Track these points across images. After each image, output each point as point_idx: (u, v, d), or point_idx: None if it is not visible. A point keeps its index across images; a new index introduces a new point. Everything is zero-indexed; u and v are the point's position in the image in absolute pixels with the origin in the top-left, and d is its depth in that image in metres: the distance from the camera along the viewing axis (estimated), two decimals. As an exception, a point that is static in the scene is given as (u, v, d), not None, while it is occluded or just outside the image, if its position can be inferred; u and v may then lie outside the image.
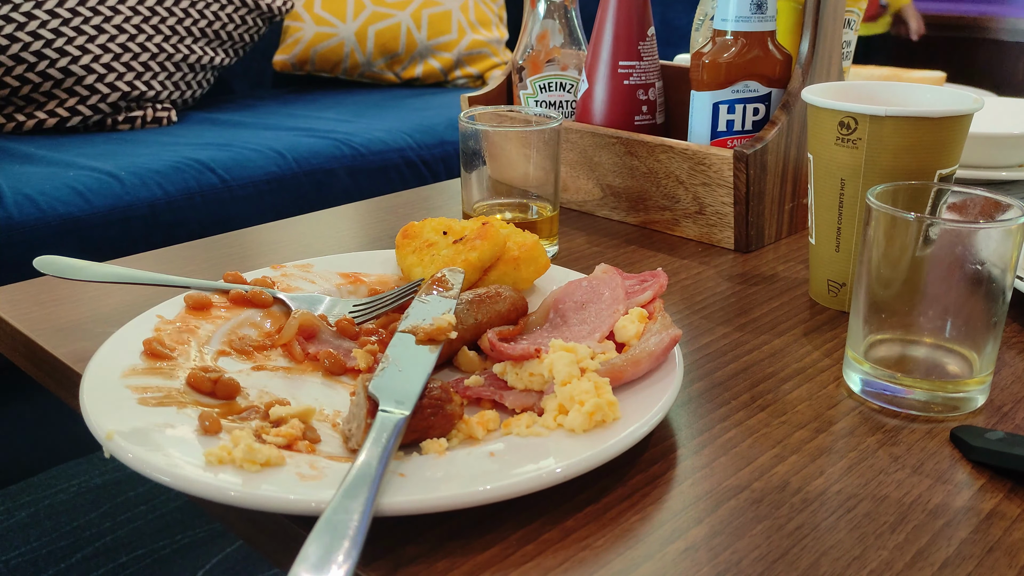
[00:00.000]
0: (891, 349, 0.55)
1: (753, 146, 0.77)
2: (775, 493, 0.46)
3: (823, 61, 0.82)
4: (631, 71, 0.88)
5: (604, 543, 0.42)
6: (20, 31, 1.57)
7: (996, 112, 1.06)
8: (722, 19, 0.80)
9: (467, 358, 0.56)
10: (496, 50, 2.22)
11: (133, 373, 0.52)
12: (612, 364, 0.51)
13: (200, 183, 1.39)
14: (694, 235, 0.84)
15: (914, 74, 1.36)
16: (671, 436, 0.51)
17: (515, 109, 0.81)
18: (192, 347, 0.56)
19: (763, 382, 0.58)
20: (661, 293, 0.60)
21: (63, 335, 0.63)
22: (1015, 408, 0.55)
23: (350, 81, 2.18)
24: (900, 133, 0.61)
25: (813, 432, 0.52)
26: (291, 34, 2.09)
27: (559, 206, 0.83)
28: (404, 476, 0.43)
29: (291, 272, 0.68)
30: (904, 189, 0.56)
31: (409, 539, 0.42)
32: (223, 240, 0.84)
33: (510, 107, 0.82)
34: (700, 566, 0.41)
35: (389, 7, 2.10)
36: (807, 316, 0.68)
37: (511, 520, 0.43)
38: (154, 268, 0.77)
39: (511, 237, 0.65)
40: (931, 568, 0.41)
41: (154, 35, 1.73)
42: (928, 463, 0.49)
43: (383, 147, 1.61)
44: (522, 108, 0.84)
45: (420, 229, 0.68)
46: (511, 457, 0.45)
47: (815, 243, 0.68)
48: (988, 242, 0.50)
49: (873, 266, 0.53)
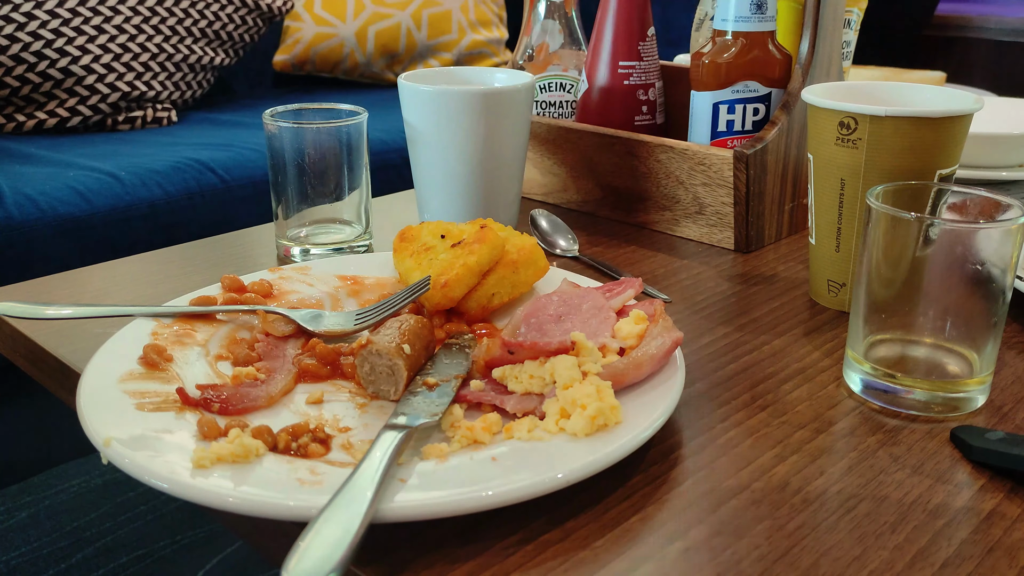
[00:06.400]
0: (891, 349, 0.55)
1: (753, 146, 0.77)
2: (775, 493, 0.46)
3: (823, 61, 0.82)
4: (631, 71, 0.88)
5: (604, 543, 0.42)
6: (20, 31, 1.57)
7: (996, 112, 1.06)
8: (722, 19, 0.80)
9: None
10: (496, 50, 2.22)
11: (131, 378, 0.51)
12: (614, 367, 0.51)
13: (200, 183, 1.39)
14: (694, 235, 0.84)
15: (914, 74, 1.36)
16: (671, 436, 0.51)
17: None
18: (191, 352, 0.56)
19: (763, 382, 0.58)
20: (639, 292, 0.60)
21: (63, 335, 0.63)
22: (1015, 408, 0.55)
23: (350, 81, 2.18)
24: (900, 133, 0.61)
25: (813, 432, 0.52)
26: (291, 34, 2.08)
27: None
28: (405, 481, 0.43)
29: (289, 275, 0.68)
30: (904, 189, 0.56)
31: (409, 539, 0.42)
32: (223, 240, 0.84)
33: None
34: (700, 566, 0.41)
35: (389, 7, 2.10)
36: (807, 316, 0.68)
37: (511, 520, 0.43)
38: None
39: (509, 240, 0.65)
40: (931, 568, 0.41)
41: (154, 35, 1.73)
42: (928, 463, 0.49)
43: (383, 147, 1.61)
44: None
45: (418, 232, 0.68)
46: (513, 462, 0.44)
47: (815, 243, 0.68)
48: (988, 242, 0.50)
49: (873, 266, 0.53)
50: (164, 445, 0.45)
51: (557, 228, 0.83)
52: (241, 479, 0.42)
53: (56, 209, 1.25)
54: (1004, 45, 2.51)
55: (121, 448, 0.44)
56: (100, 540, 1.34)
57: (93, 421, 0.46)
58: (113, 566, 1.28)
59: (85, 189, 1.29)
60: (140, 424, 0.47)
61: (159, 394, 0.50)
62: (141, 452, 0.44)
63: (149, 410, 0.48)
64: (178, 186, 1.37)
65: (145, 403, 0.49)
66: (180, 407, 0.49)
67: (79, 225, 1.25)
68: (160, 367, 0.53)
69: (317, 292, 0.66)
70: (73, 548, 1.32)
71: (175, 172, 1.39)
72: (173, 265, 0.77)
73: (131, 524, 1.38)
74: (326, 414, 0.51)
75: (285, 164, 0.76)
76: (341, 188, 0.78)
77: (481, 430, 0.47)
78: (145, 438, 0.45)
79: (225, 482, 0.42)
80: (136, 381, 0.51)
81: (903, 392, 0.54)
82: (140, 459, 0.43)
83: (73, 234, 1.25)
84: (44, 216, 1.23)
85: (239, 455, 0.44)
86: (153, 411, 0.48)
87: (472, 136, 0.77)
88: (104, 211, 1.28)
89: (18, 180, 1.30)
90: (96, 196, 1.29)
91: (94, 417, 0.47)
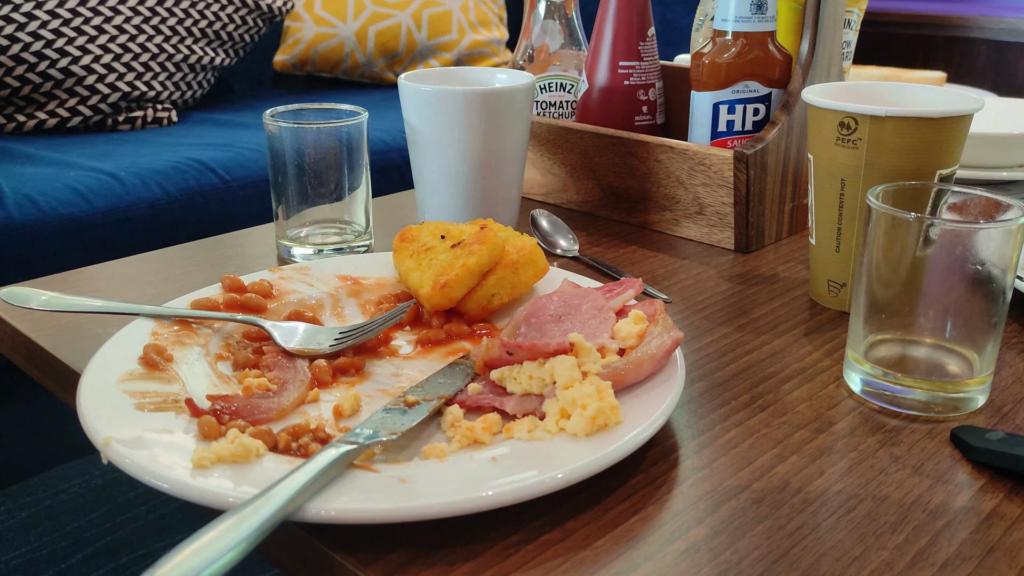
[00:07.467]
0: (891, 349, 0.55)
1: (753, 146, 0.77)
2: (775, 493, 0.46)
3: (823, 61, 0.82)
4: (631, 71, 0.88)
5: (604, 543, 0.42)
6: (20, 31, 1.57)
7: (996, 112, 1.06)
8: (722, 19, 0.80)
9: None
10: (496, 50, 2.22)
11: (131, 378, 0.51)
12: (614, 368, 0.51)
13: (200, 183, 1.39)
14: (694, 235, 0.84)
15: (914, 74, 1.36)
16: (671, 436, 0.51)
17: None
18: (191, 352, 0.56)
19: (763, 382, 0.58)
20: (640, 292, 0.60)
21: (63, 335, 0.63)
22: (1015, 408, 0.55)
23: (350, 81, 2.18)
24: (900, 133, 0.61)
25: (813, 432, 0.52)
26: (291, 34, 2.08)
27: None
28: (406, 482, 0.43)
29: (289, 275, 0.68)
30: (904, 189, 0.56)
31: (409, 539, 0.42)
32: (223, 240, 0.84)
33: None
34: (700, 566, 0.41)
35: (389, 7, 2.10)
36: (807, 316, 0.68)
37: (512, 521, 0.43)
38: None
39: (509, 240, 0.65)
40: (931, 568, 0.41)
41: (154, 35, 1.73)
42: (928, 463, 0.49)
43: (383, 147, 1.62)
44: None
45: (418, 233, 0.68)
46: (513, 463, 0.44)
47: (815, 243, 0.68)
48: (988, 242, 0.50)
49: (873, 266, 0.53)
50: (164, 445, 0.45)
51: (557, 228, 0.83)
52: (241, 479, 0.42)
53: (56, 209, 1.25)
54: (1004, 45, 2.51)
55: (121, 448, 0.44)
56: (100, 540, 1.34)
57: (93, 421, 0.46)
58: (113, 566, 1.28)
59: (85, 189, 1.29)
60: (140, 424, 0.47)
61: (159, 394, 0.50)
62: (141, 452, 0.44)
63: (149, 410, 0.48)
64: (178, 186, 1.37)
65: (145, 403, 0.49)
66: (180, 407, 0.49)
67: (79, 225, 1.25)
68: (160, 367, 0.53)
69: (317, 292, 0.66)
70: (73, 548, 1.32)
71: (175, 172, 1.39)
72: (173, 265, 0.77)
73: (131, 524, 1.38)
74: (326, 414, 0.51)
75: (285, 164, 0.76)
76: (341, 188, 0.78)
77: (481, 430, 0.47)
78: (145, 438, 0.45)
79: (225, 482, 0.42)
80: (136, 381, 0.51)
81: (903, 392, 0.54)
82: (140, 459, 0.43)
83: (73, 234, 1.25)
84: (44, 216, 1.23)
85: (239, 455, 0.44)
86: (153, 411, 0.48)
87: (472, 136, 0.77)
88: (104, 211, 1.28)
89: (18, 180, 1.30)
90: (96, 196, 1.29)
91: (94, 417, 0.47)
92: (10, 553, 1.30)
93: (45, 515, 1.40)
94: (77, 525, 1.38)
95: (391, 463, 0.45)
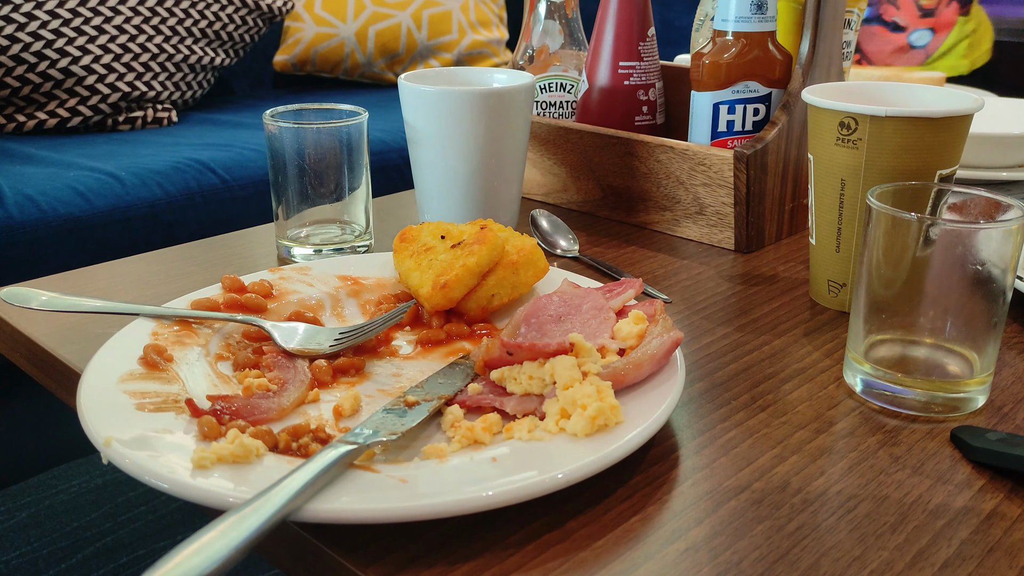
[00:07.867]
0: (891, 349, 0.55)
1: (753, 146, 0.77)
2: (775, 493, 0.46)
3: (823, 61, 0.82)
4: (631, 71, 0.88)
5: (605, 544, 0.42)
6: (20, 32, 1.57)
7: (996, 112, 1.06)
8: (722, 19, 0.80)
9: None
10: (496, 50, 2.22)
11: (131, 378, 0.51)
12: (614, 368, 0.51)
13: (200, 183, 1.39)
14: (694, 235, 0.84)
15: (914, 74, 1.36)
16: (671, 437, 0.51)
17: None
18: (191, 352, 0.56)
19: (763, 382, 0.58)
20: (640, 292, 0.60)
21: (63, 335, 0.63)
22: (1015, 408, 0.55)
23: (350, 81, 2.18)
24: (900, 133, 0.61)
25: (813, 432, 0.52)
26: (291, 34, 2.08)
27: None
28: (406, 482, 0.43)
29: (289, 275, 0.68)
30: (904, 189, 0.56)
31: (409, 540, 0.42)
32: (223, 240, 0.84)
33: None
34: (700, 566, 0.41)
35: (389, 7, 2.10)
36: (807, 316, 0.68)
37: (512, 521, 0.43)
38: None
39: (509, 241, 0.65)
40: (931, 569, 0.41)
41: (154, 36, 1.73)
42: (928, 463, 0.49)
43: (383, 147, 1.62)
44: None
45: (418, 233, 0.68)
46: (513, 463, 0.44)
47: (815, 243, 0.68)
48: (988, 242, 0.50)
49: (873, 266, 0.53)
50: (164, 445, 0.45)
51: (557, 228, 0.83)
52: (241, 479, 0.42)
53: (56, 209, 1.25)
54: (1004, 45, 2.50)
55: (121, 448, 0.44)
56: (100, 540, 1.34)
57: (93, 421, 0.46)
58: (113, 566, 1.28)
59: (85, 189, 1.29)
60: (140, 424, 0.47)
61: (159, 394, 0.50)
62: (141, 452, 0.44)
63: (149, 410, 0.48)
64: (178, 186, 1.37)
65: (145, 403, 0.49)
66: (180, 407, 0.49)
67: (79, 225, 1.25)
68: (160, 367, 0.53)
69: (317, 292, 0.66)
70: (73, 548, 1.32)
71: (175, 172, 1.39)
72: (173, 265, 0.77)
73: (131, 524, 1.38)
74: (326, 414, 0.51)
75: (285, 164, 0.76)
76: (341, 188, 0.78)
77: (481, 430, 0.47)
78: (145, 438, 0.45)
79: (225, 482, 0.42)
80: (136, 381, 0.51)
81: (903, 392, 0.54)
82: (140, 459, 0.43)
83: (73, 234, 1.25)
84: (44, 216, 1.23)
85: (239, 455, 0.44)
86: (153, 411, 0.48)
87: (472, 136, 0.77)
88: (104, 211, 1.28)
89: (19, 180, 1.30)
90: (96, 196, 1.29)
91: (94, 417, 0.47)
92: (10, 553, 1.30)
93: (45, 515, 1.40)
94: (77, 525, 1.38)
95: (391, 463, 0.45)
